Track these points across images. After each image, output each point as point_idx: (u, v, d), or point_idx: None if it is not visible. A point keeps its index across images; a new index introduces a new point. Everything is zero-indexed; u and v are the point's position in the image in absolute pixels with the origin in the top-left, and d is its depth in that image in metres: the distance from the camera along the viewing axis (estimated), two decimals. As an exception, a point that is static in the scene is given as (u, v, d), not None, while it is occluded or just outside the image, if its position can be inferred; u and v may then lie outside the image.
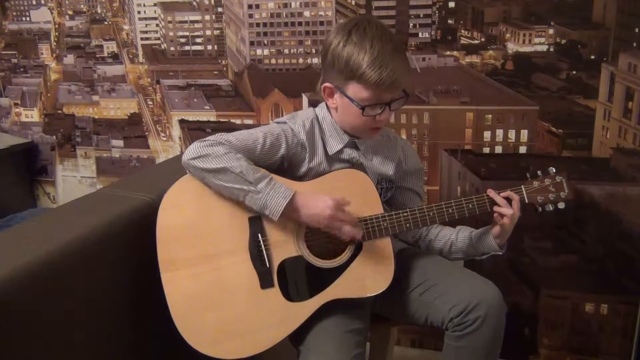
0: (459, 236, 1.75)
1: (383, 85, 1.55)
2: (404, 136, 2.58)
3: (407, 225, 1.63)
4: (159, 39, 3.07)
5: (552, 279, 2.57)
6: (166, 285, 1.57)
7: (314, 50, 2.76)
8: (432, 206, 1.63)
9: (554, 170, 1.67)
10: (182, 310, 1.56)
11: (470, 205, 1.63)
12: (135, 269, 1.63)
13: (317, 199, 1.56)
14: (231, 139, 1.57)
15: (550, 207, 1.67)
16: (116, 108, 3.14)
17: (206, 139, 1.57)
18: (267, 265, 1.58)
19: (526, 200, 1.65)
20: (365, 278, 1.60)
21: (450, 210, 1.63)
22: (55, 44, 3.21)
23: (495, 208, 1.63)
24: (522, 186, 1.66)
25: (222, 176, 1.54)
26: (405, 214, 1.62)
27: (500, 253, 1.71)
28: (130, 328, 1.64)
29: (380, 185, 1.73)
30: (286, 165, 1.66)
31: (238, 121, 2.95)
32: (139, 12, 3.08)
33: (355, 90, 1.58)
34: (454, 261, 1.78)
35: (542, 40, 2.48)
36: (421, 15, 2.62)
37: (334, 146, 1.68)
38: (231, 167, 1.53)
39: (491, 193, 1.64)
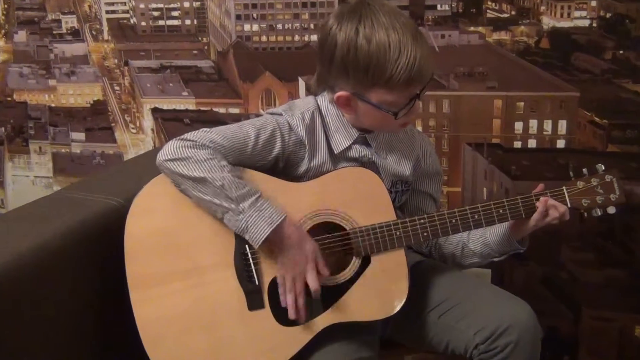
0: (470, 236, 1.75)
1: (414, 81, 1.56)
2: (419, 128, 2.58)
3: (425, 234, 1.62)
4: (127, 12, 3.07)
5: (595, 298, 2.58)
6: (136, 306, 1.56)
7: (312, 26, 2.76)
8: (455, 211, 1.62)
9: (603, 168, 1.65)
10: (155, 335, 1.56)
11: (501, 211, 1.62)
12: (99, 287, 1.62)
13: (304, 240, 1.55)
14: (217, 138, 1.55)
15: (599, 212, 1.64)
16: (76, 94, 3.15)
17: (187, 137, 1.55)
18: (257, 283, 1.58)
19: (568, 205, 1.64)
20: (374, 298, 1.60)
21: (476, 217, 1.62)
22: (3, 18, 3.21)
23: (544, 201, 1.61)
24: (564, 187, 1.65)
25: (201, 187, 1.52)
26: (422, 220, 1.61)
27: (522, 250, 1.71)
28: (93, 356, 1.63)
29: (395, 188, 1.73)
30: (281, 166, 1.65)
31: (222, 110, 2.96)
32: (103, -19, 3.08)
33: (382, 96, 1.58)
34: (470, 268, 1.79)
35: (584, 13, 2.50)
36: (440, -16, 2.61)
37: (340, 143, 1.67)
38: (212, 178, 1.50)
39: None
